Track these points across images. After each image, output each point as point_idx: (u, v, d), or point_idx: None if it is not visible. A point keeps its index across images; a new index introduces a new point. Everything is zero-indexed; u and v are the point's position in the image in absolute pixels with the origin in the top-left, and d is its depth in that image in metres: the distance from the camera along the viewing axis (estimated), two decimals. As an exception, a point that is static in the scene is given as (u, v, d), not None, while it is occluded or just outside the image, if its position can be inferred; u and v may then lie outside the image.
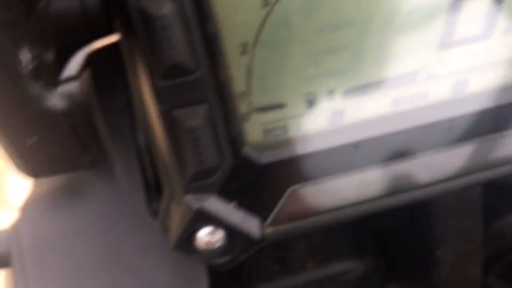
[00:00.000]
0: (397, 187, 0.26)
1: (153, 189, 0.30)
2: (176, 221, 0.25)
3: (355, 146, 0.26)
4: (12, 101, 0.15)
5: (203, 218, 0.24)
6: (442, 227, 0.36)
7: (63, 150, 0.17)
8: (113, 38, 0.34)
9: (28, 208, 0.32)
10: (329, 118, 0.26)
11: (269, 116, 0.25)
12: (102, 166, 0.32)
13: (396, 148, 0.26)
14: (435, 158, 0.26)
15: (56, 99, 0.16)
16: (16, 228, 0.32)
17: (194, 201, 0.24)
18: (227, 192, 0.25)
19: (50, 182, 0.34)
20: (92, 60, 0.34)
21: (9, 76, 0.15)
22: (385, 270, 0.42)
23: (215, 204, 0.24)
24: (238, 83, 0.24)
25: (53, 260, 0.31)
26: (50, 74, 0.18)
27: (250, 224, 0.25)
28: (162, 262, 0.31)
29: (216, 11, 0.22)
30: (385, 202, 0.26)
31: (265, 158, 0.25)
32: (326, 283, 0.40)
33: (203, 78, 0.23)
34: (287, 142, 0.26)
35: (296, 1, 0.24)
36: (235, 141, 0.24)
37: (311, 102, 0.26)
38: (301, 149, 0.26)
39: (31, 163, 0.17)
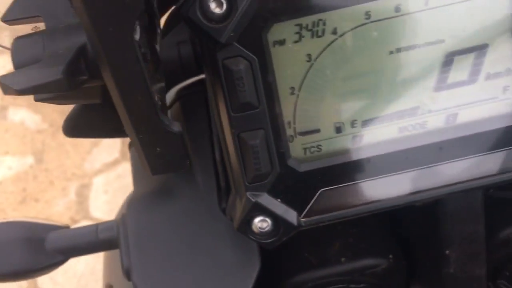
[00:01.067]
0: (397, 192, 0.35)
1: (223, 191, 0.41)
2: (239, 211, 0.35)
3: (368, 161, 0.35)
4: (154, 125, 0.26)
5: (257, 209, 0.35)
6: (450, 230, 0.44)
7: (175, 156, 0.27)
8: (197, 78, 0.46)
9: (132, 204, 0.44)
10: (351, 140, 0.36)
11: (307, 139, 0.36)
12: (186, 174, 0.44)
13: (400, 163, 0.35)
14: (426, 171, 0.35)
15: (176, 126, 0.28)
16: (123, 218, 0.43)
17: (252, 196, 0.35)
18: (275, 191, 0.35)
19: (147, 184, 0.46)
20: (181, 94, 0.46)
21: (155, 109, 0.26)
22: (406, 268, 0.51)
23: (266, 200, 0.35)
24: (286, 115, 0.35)
25: (150, 243, 0.42)
26: (166, 111, 0.30)
27: (290, 215, 0.35)
28: (228, 245, 0.41)
29: (274, 67, 0.33)
30: (388, 202, 0.35)
31: (303, 167, 0.35)
32: (355, 276, 0.49)
33: (262, 112, 0.33)
34: (320, 157, 0.36)
35: (329, 58, 0.34)
36: (283, 155, 0.34)
37: (338, 129, 0.36)
38: (330, 162, 0.35)
39: (155, 165, 0.28)
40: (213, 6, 0.31)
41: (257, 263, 0.40)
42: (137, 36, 0.24)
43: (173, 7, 0.41)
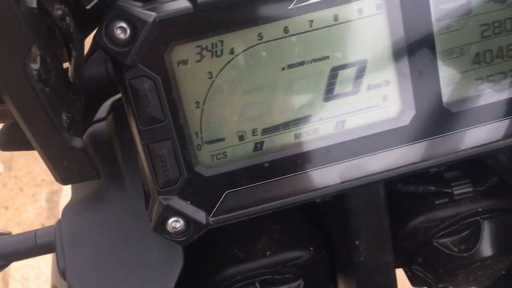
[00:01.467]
0: (294, 191, 0.40)
1: (148, 196, 0.45)
2: (155, 213, 0.40)
3: (268, 164, 0.40)
4: (56, 143, 0.30)
5: (170, 211, 0.39)
6: (357, 223, 0.49)
7: (81, 168, 0.31)
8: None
9: (67, 210, 0.47)
10: (253, 146, 0.40)
11: (214, 147, 0.40)
12: (117, 181, 0.48)
13: (295, 165, 0.40)
14: (315, 172, 0.40)
15: (77, 142, 0.31)
16: (59, 224, 0.47)
17: (164, 200, 0.39)
18: (184, 195, 0.39)
19: (82, 192, 0.49)
20: (114, 106, 0.50)
21: (56, 129, 0.30)
22: (328, 258, 0.55)
23: (177, 202, 0.39)
24: (193, 126, 0.39)
25: (82, 245, 0.46)
26: (77, 127, 0.33)
27: (200, 215, 0.39)
28: (154, 245, 0.45)
29: (178, 85, 0.37)
30: (286, 201, 0.40)
31: (209, 173, 0.39)
32: (279, 267, 0.53)
33: (168, 125, 0.37)
34: (226, 162, 0.40)
35: (228, 75, 0.38)
36: (190, 162, 0.39)
37: (241, 137, 0.40)
38: (234, 166, 0.40)
39: (63, 176, 0.32)
40: (118, 32, 0.35)
41: (181, 260, 0.44)
42: (35, 66, 0.28)
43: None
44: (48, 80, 0.29)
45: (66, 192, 2.40)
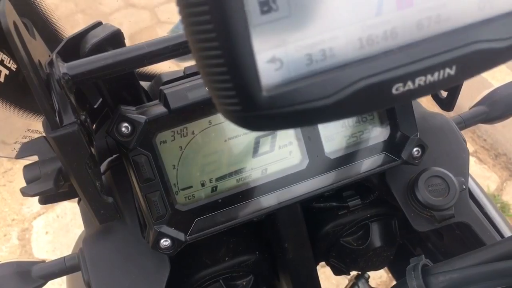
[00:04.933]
0: (239, 215, 0.63)
1: (143, 226, 0.67)
2: (152, 237, 0.62)
3: (222, 200, 0.63)
4: (98, 201, 0.52)
5: (161, 235, 0.62)
6: (284, 232, 0.74)
7: (111, 214, 0.54)
8: (116, 155, 0.72)
9: (86, 240, 0.69)
10: (210, 189, 0.64)
11: (186, 192, 0.63)
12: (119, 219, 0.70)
13: (239, 199, 0.64)
14: (251, 202, 0.63)
15: (109, 199, 0.54)
16: (81, 251, 0.69)
17: (157, 228, 0.61)
18: (170, 223, 0.62)
19: (93, 226, 0.71)
20: (110, 166, 0.73)
21: (98, 193, 0.52)
22: (270, 259, 0.79)
23: (165, 229, 0.62)
24: (172, 180, 0.62)
25: (99, 263, 0.67)
26: (104, 189, 0.56)
27: (180, 236, 0.62)
28: (148, 259, 0.68)
29: (162, 156, 0.60)
30: (236, 222, 0.63)
31: (184, 208, 0.63)
32: (235, 268, 0.77)
33: (157, 182, 0.60)
34: (195, 201, 0.63)
35: (192, 147, 0.62)
36: (172, 203, 0.62)
37: (202, 184, 0.64)
38: (200, 203, 0.63)
39: (101, 219, 0.54)
40: (123, 129, 0.58)
41: (168, 267, 0.67)
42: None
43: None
44: (91, 166, 0.52)
45: (36, 229, 2.54)
